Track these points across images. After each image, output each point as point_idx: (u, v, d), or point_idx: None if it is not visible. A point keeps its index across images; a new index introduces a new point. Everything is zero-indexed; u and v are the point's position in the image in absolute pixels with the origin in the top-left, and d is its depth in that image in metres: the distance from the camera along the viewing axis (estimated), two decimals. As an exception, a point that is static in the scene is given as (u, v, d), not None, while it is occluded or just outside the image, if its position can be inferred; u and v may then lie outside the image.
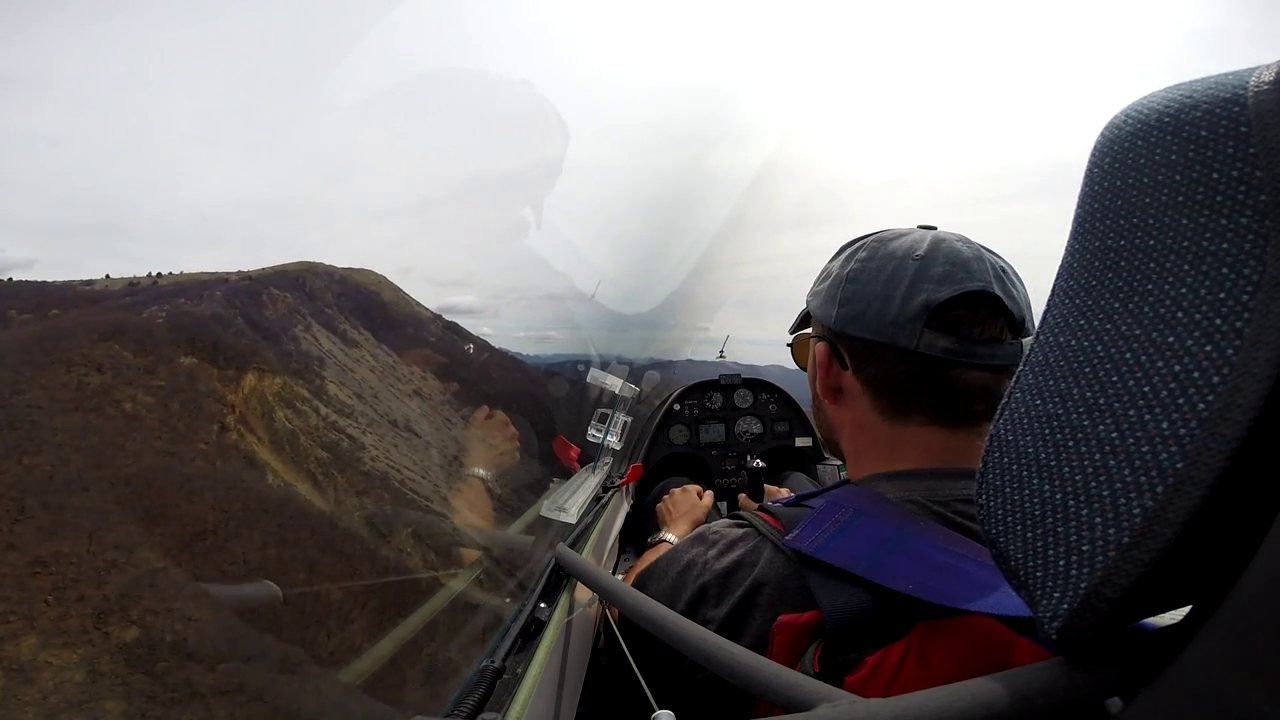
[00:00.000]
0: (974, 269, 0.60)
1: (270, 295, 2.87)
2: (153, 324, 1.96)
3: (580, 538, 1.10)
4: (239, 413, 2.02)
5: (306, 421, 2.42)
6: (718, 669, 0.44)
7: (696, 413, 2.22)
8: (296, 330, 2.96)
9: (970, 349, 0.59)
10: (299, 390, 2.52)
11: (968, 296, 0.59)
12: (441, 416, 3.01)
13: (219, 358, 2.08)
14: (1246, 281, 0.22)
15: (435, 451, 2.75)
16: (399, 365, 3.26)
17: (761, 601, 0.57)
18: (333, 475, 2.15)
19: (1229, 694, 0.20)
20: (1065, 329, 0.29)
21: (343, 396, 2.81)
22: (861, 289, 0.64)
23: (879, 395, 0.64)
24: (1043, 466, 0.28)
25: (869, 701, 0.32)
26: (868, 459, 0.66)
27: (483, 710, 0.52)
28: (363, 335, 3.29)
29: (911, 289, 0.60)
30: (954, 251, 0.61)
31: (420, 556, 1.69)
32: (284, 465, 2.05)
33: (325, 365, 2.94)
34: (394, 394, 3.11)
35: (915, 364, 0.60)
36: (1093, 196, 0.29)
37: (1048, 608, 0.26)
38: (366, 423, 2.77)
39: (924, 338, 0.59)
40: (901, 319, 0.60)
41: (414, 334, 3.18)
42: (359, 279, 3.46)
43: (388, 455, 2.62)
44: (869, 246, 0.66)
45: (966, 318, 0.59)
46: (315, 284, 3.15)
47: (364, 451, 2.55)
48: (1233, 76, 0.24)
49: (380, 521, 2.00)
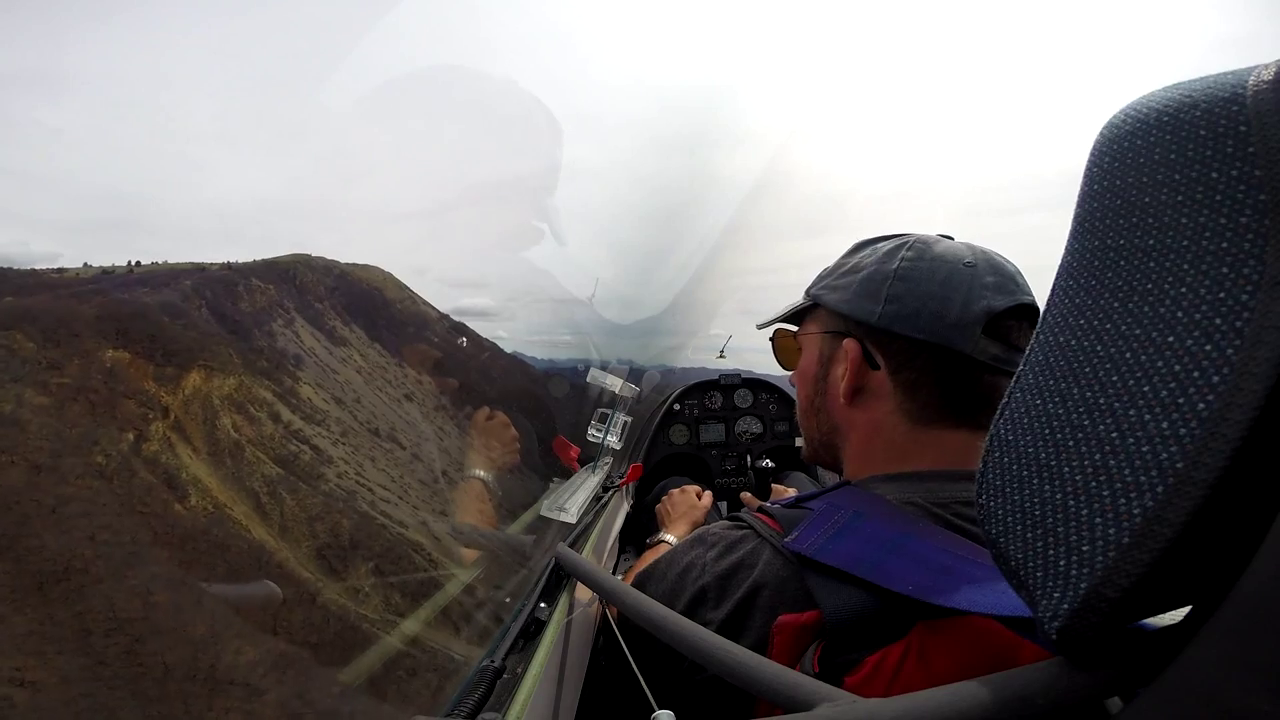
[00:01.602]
0: (1020, 282, 0.64)
1: (249, 287, 2.57)
2: (76, 311, 1.60)
3: (580, 538, 1.10)
4: (173, 418, 1.70)
5: (260, 430, 2.11)
6: (718, 669, 0.44)
7: (696, 413, 2.22)
8: (274, 325, 2.65)
9: (1013, 357, 0.61)
10: (259, 392, 2.21)
11: (1020, 308, 0.62)
12: (434, 425, 2.77)
13: (157, 353, 1.74)
14: (1246, 281, 0.22)
15: (421, 465, 2.49)
16: (390, 366, 2.98)
17: (761, 603, 0.57)
18: (280, 497, 1.86)
19: (1229, 694, 0.20)
20: (1065, 329, 0.29)
21: (317, 400, 2.51)
22: (915, 287, 0.63)
23: (911, 398, 0.63)
24: (1043, 466, 0.28)
25: (869, 701, 0.32)
26: (877, 461, 0.65)
27: (483, 710, 0.52)
28: (354, 333, 2.99)
29: (970, 294, 0.61)
30: (1000, 264, 0.64)
31: (381, 599, 1.49)
32: (219, 483, 1.75)
33: (303, 364, 2.63)
34: (381, 398, 2.83)
35: (964, 368, 0.61)
36: (1092, 196, 0.29)
37: (1048, 608, 0.26)
38: (340, 432, 2.48)
39: (980, 343, 0.60)
40: (963, 322, 0.60)
41: (414, 333, 3.08)
42: (361, 274, 3.27)
43: (360, 471, 2.35)
44: (914, 247, 0.66)
45: (1015, 328, 0.62)
46: (306, 277, 2.89)
47: (330, 466, 2.26)
48: (1231, 76, 0.24)
49: (333, 555, 1.77)
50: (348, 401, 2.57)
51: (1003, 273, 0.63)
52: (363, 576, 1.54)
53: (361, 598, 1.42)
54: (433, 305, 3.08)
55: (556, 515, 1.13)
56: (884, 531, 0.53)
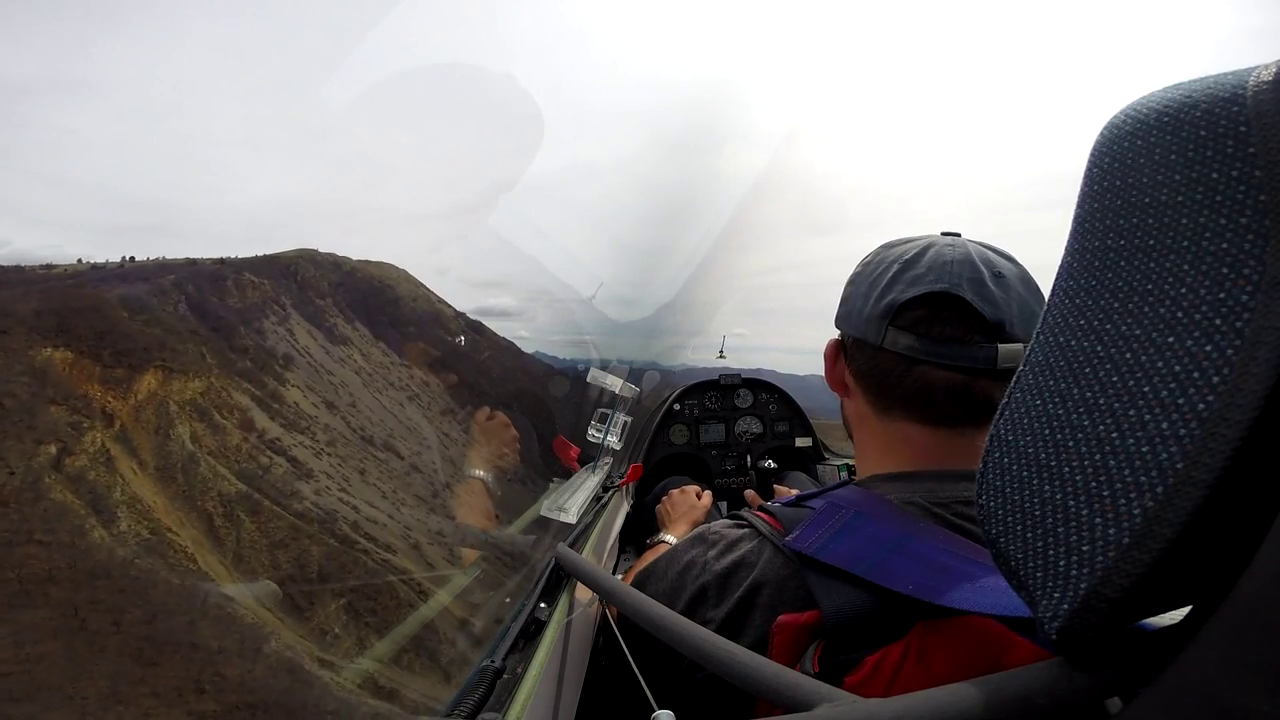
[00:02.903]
0: (951, 271, 0.61)
1: (240, 282, 2.43)
2: (9, 307, 1.38)
3: (580, 538, 1.10)
4: (118, 426, 1.50)
5: (224, 440, 1.91)
6: (717, 669, 0.44)
7: (696, 413, 2.22)
8: (266, 322, 2.50)
9: (932, 348, 0.61)
10: (232, 396, 2.01)
11: (931, 297, 0.61)
12: (438, 430, 2.64)
13: (105, 352, 1.54)
14: (1246, 281, 0.22)
15: (420, 478, 2.32)
16: (395, 366, 2.85)
17: (761, 602, 0.57)
18: (239, 520, 1.66)
19: (1229, 694, 0.20)
20: (1065, 329, 0.29)
21: (305, 404, 2.35)
22: (854, 289, 0.69)
23: (866, 389, 0.68)
24: (1043, 466, 0.28)
25: (869, 701, 0.32)
26: (871, 455, 0.69)
27: (483, 710, 0.52)
28: (357, 330, 2.85)
29: (886, 289, 0.63)
30: (939, 255, 0.63)
31: (354, 638, 1.33)
32: (165, 504, 1.54)
33: (293, 365, 2.49)
34: (381, 401, 2.68)
35: (885, 360, 0.64)
36: (1093, 196, 0.29)
37: (1048, 608, 0.26)
38: (327, 440, 2.30)
39: (888, 335, 0.62)
40: (871, 316, 0.64)
41: (425, 331, 3.00)
42: (374, 271, 3.15)
43: (345, 486, 2.17)
44: (878, 251, 0.70)
45: (926, 317, 0.61)
46: (308, 272, 2.74)
47: (309, 481, 2.06)
48: (1232, 76, 0.24)
49: (299, 591, 1.59)
50: (341, 406, 2.40)
51: (934, 264, 0.61)
52: (330, 616, 1.32)
53: (329, 641, 1.22)
54: (448, 303, 2.97)
55: (556, 515, 1.13)
56: (884, 531, 0.53)
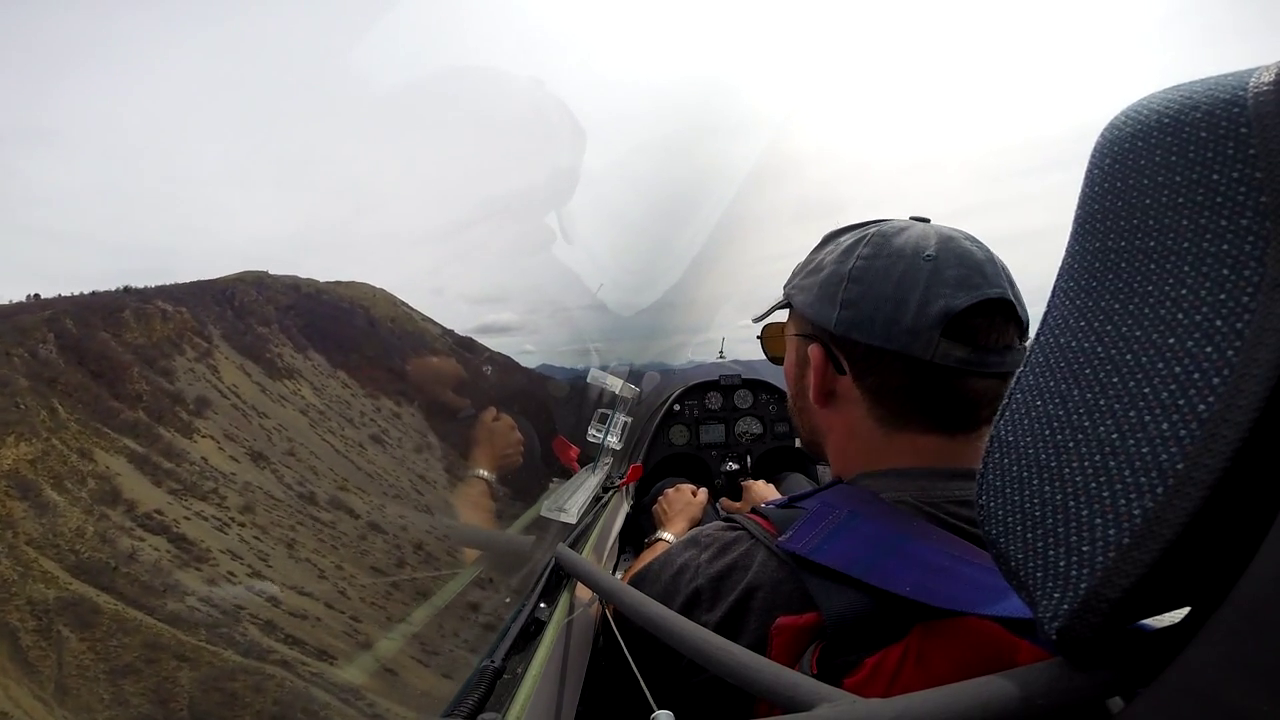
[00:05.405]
0: (988, 273, 0.57)
1: (142, 313, 2.16)
2: None
3: (580, 538, 1.10)
4: None
5: (55, 524, 1.54)
6: (717, 669, 0.44)
7: (696, 413, 2.22)
8: (176, 360, 2.25)
9: (984, 358, 0.56)
10: (91, 461, 1.63)
11: (986, 304, 0.56)
12: (411, 475, 2.38)
13: None
14: (1247, 283, 0.22)
15: (382, 542, 1.98)
16: (357, 399, 2.61)
17: (755, 606, 0.57)
18: (60, 638, 1.31)
19: (1229, 694, 0.20)
20: (1065, 330, 0.29)
21: (217, 459, 2.02)
22: (869, 290, 0.59)
23: (879, 403, 0.61)
24: (1043, 467, 0.28)
25: (869, 701, 0.32)
26: (856, 462, 0.65)
27: (483, 710, 0.52)
28: (308, 361, 2.63)
29: (927, 294, 0.56)
30: (966, 253, 0.58)
31: None
32: None
33: (209, 409, 2.25)
34: (333, 444, 2.38)
35: (927, 374, 0.57)
36: (1093, 198, 0.29)
37: (1048, 608, 0.26)
38: (242, 505, 1.93)
39: (940, 347, 0.56)
40: (918, 327, 0.56)
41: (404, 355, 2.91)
42: (343, 292, 3.02)
43: (257, 569, 1.80)
44: (872, 242, 0.62)
45: (984, 326, 0.57)
46: (248, 297, 2.55)
47: (199, 568, 1.63)
48: (1232, 78, 0.24)
49: None
50: (274, 456, 2.06)
51: (968, 263, 0.57)
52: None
53: None
54: (434, 321, 2.91)
55: (556, 515, 1.13)
56: (880, 531, 0.53)
